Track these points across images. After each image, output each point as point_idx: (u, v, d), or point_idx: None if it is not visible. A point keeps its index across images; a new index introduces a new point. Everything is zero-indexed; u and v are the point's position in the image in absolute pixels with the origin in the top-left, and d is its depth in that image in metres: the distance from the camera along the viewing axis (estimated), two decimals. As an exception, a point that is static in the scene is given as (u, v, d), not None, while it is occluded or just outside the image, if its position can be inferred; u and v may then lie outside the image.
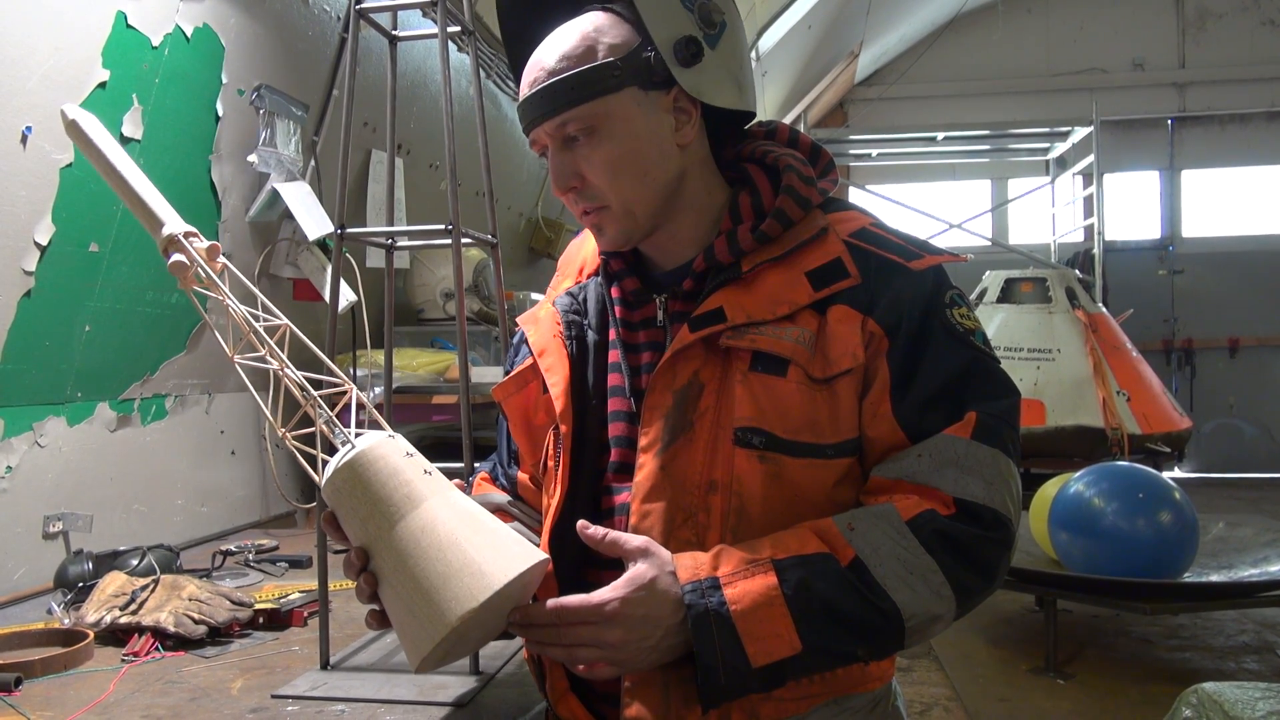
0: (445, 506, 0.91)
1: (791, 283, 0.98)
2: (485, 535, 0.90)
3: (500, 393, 1.13)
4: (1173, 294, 8.92)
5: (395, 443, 0.94)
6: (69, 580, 2.01)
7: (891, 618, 0.90)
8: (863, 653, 0.92)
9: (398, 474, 0.91)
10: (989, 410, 0.96)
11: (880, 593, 0.90)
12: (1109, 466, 3.69)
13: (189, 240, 1.02)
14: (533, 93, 1.00)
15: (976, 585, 0.94)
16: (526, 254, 5.55)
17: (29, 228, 2.02)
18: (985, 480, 0.94)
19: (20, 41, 1.91)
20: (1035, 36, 9.15)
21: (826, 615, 0.89)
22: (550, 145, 1.01)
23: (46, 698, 1.44)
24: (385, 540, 0.89)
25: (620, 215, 1.01)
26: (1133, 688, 3.27)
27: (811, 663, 0.90)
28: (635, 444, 1.00)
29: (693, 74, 0.98)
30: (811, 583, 0.89)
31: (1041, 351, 6.07)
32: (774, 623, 0.88)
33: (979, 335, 1.00)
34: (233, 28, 2.52)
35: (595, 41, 0.98)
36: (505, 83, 4.48)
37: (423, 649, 0.87)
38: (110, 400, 2.43)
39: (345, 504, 0.91)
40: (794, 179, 1.02)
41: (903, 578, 0.90)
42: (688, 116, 1.02)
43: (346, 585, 2.15)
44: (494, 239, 1.85)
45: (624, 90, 0.98)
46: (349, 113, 1.69)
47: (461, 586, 0.85)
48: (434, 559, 0.87)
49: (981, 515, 0.93)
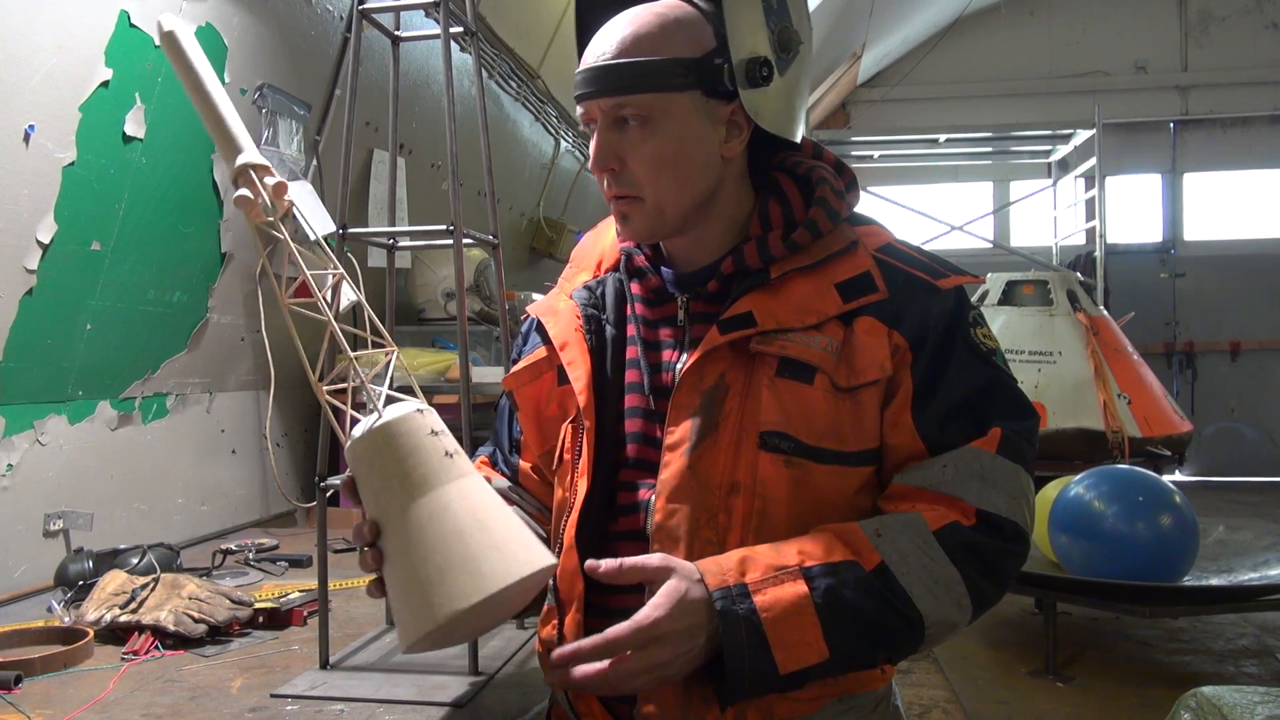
0: (458, 495, 0.89)
1: (821, 293, 0.99)
2: (492, 533, 0.89)
3: (512, 382, 1.13)
4: (1174, 297, 8.91)
5: (423, 418, 0.92)
6: (69, 578, 2.01)
7: (915, 625, 0.92)
8: (882, 657, 0.95)
9: (417, 453, 0.89)
10: (1014, 428, 0.98)
11: (906, 600, 0.91)
12: (1109, 469, 3.70)
13: (259, 174, 0.98)
14: (599, 65, 0.99)
15: (992, 594, 0.97)
16: (528, 254, 5.55)
17: (31, 226, 2.03)
18: (1008, 494, 0.96)
19: (23, 40, 1.91)
20: (1038, 39, 9.15)
21: (853, 623, 0.90)
22: (600, 121, 1.01)
23: (46, 695, 1.44)
24: (393, 519, 0.88)
25: (651, 210, 1.02)
26: (1132, 691, 3.27)
27: (835, 668, 0.91)
28: (653, 440, 1.01)
29: (757, 95, 0.99)
30: (841, 591, 0.89)
31: (1042, 354, 6.07)
32: (804, 631, 0.88)
33: (999, 355, 1.03)
34: (235, 27, 2.53)
35: (673, 33, 0.98)
36: (507, 83, 4.48)
37: (409, 636, 0.86)
38: (111, 399, 2.43)
39: (362, 473, 0.90)
40: (827, 192, 1.03)
41: (928, 586, 0.92)
42: (739, 132, 1.02)
43: (346, 584, 2.15)
44: (495, 239, 1.85)
45: (688, 92, 0.98)
46: (351, 112, 1.69)
47: (456, 583, 0.84)
48: (435, 549, 0.86)
49: (1003, 528, 0.96)
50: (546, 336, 1.10)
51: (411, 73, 3.51)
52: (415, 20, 3.17)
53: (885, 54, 9.09)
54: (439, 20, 1.69)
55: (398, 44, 1.83)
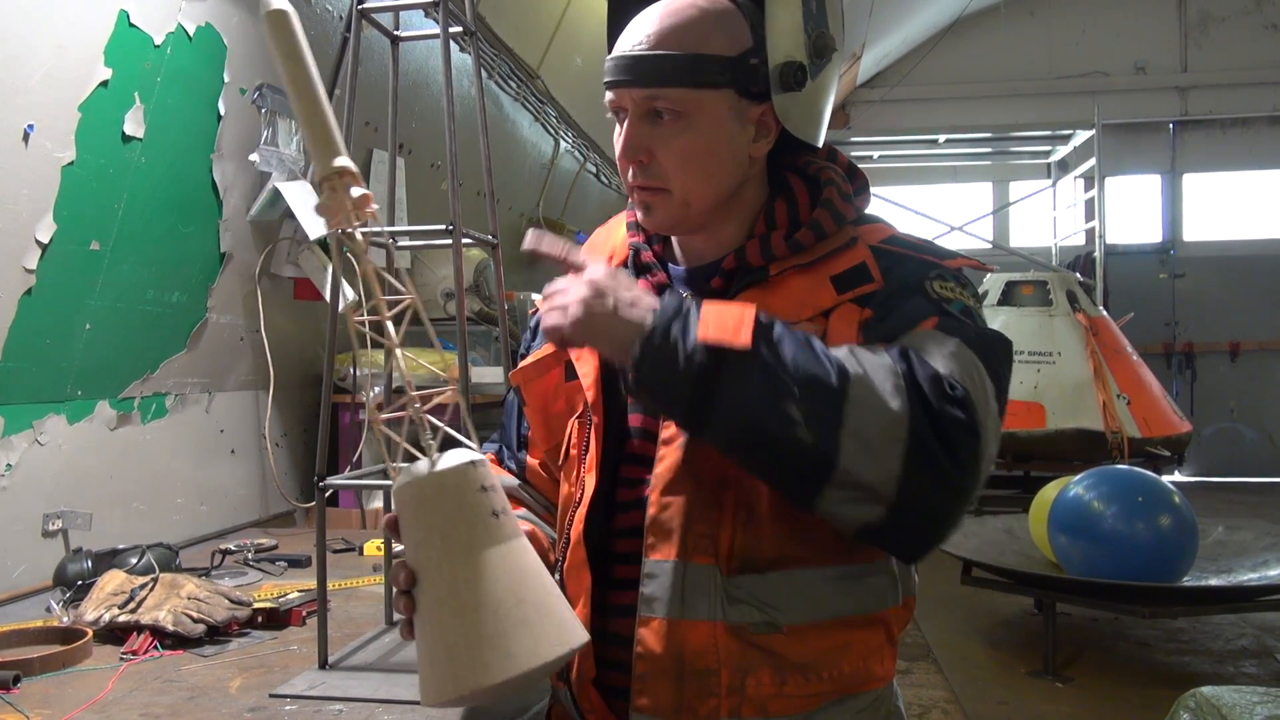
0: (499, 562, 0.85)
1: (815, 287, 0.99)
2: (526, 607, 0.85)
3: (520, 377, 1.13)
4: (1174, 298, 8.92)
5: (476, 471, 0.87)
6: (68, 578, 2.01)
7: (838, 379, 0.85)
8: (798, 409, 0.84)
9: (462, 510, 0.86)
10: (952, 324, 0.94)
11: (834, 359, 0.87)
12: (1109, 470, 3.70)
13: (346, 182, 0.91)
14: (635, 54, 0.98)
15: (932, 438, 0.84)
16: (527, 254, 5.55)
17: (30, 226, 2.03)
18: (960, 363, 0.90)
19: (22, 40, 1.91)
20: (1037, 39, 9.15)
21: (781, 345, 0.86)
22: (630, 111, 1.00)
23: (45, 695, 1.44)
24: (430, 574, 0.85)
25: (677, 204, 1.01)
26: (1131, 691, 3.27)
27: (750, 378, 0.85)
28: (652, 435, 1.01)
29: (788, 99, 0.99)
30: (780, 325, 0.88)
31: (1042, 354, 6.08)
32: (734, 319, 0.86)
33: (956, 305, 0.97)
34: (235, 27, 2.53)
35: (712, 30, 0.98)
36: (506, 83, 4.48)
37: (428, 698, 0.85)
38: (110, 399, 2.43)
39: (406, 518, 0.87)
40: (834, 194, 1.03)
41: (860, 360, 0.87)
42: (768, 134, 1.02)
43: (345, 584, 2.15)
44: (495, 239, 1.85)
45: (723, 90, 0.98)
46: (350, 112, 1.69)
47: (481, 658, 0.82)
48: (466, 618, 0.83)
49: (954, 389, 0.87)
50: None
51: (411, 72, 3.51)
52: (415, 20, 3.16)
53: (885, 54, 9.09)
54: (438, 20, 1.68)
55: (397, 44, 1.83)
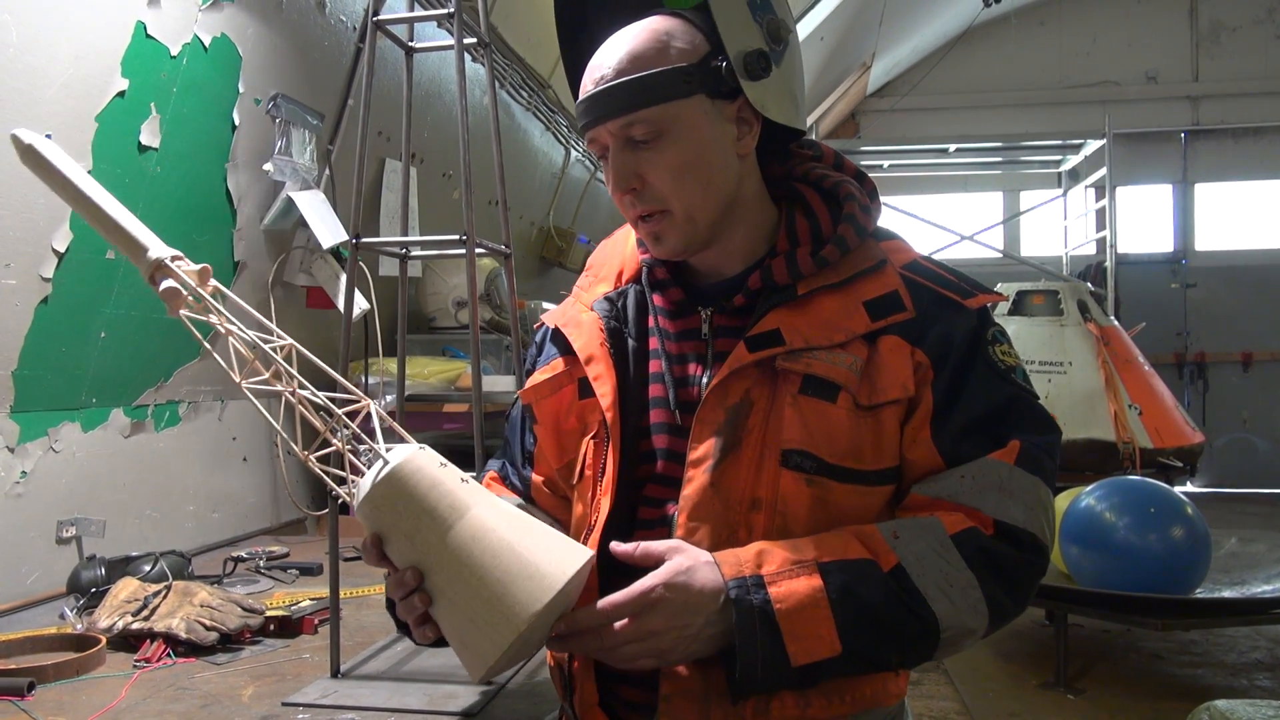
0: (491, 511, 0.90)
1: (849, 311, 0.99)
2: (534, 537, 0.90)
3: (531, 395, 1.12)
4: (1185, 308, 8.87)
5: (428, 453, 0.92)
6: (82, 585, 2.02)
7: (929, 627, 0.91)
8: (896, 659, 0.93)
9: (439, 484, 0.89)
10: (1033, 441, 0.98)
11: (921, 602, 0.91)
12: (1120, 481, 3.67)
13: (176, 264, 0.96)
14: (599, 90, 0.99)
15: (1009, 606, 0.96)
16: (538, 263, 5.56)
17: (47, 235, 2.04)
18: (1026, 506, 0.96)
19: (41, 50, 1.93)
20: (1048, 49, 9.14)
21: (867, 620, 0.90)
22: (612, 145, 1.00)
23: (59, 703, 1.45)
24: (435, 553, 0.87)
25: (682, 221, 1.01)
26: (1144, 704, 3.25)
27: (848, 666, 0.91)
28: (678, 456, 1.00)
29: (759, 87, 0.99)
30: (855, 587, 0.90)
31: (1053, 364, 6.05)
32: (817, 624, 0.89)
33: (1019, 372, 1.03)
34: (250, 38, 2.55)
35: (667, 45, 0.98)
36: (518, 93, 4.50)
37: (489, 657, 0.86)
38: (124, 406, 2.44)
39: (388, 521, 0.89)
40: (855, 209, 1.04)
41: (943, 589, 0.92)
42: (749, 127, 1.02)
43: (357, 593, 2.15)
44: (507, 249, 1.86)
45: (694, 97, 0.98)
46: (364, 122, 1.70)
47: (522, 590, 0.85)
48: (491, 566, 0.86)
49: (1020, 538, 0.96)
50: (564, 347, 1.10)
51: (424, 83, 3.53)
52: (428, 31, 3.18)
53: (895, 64, 9.09)
54: (452, 31, 1.70)
55: (411, 54, 1.84)
